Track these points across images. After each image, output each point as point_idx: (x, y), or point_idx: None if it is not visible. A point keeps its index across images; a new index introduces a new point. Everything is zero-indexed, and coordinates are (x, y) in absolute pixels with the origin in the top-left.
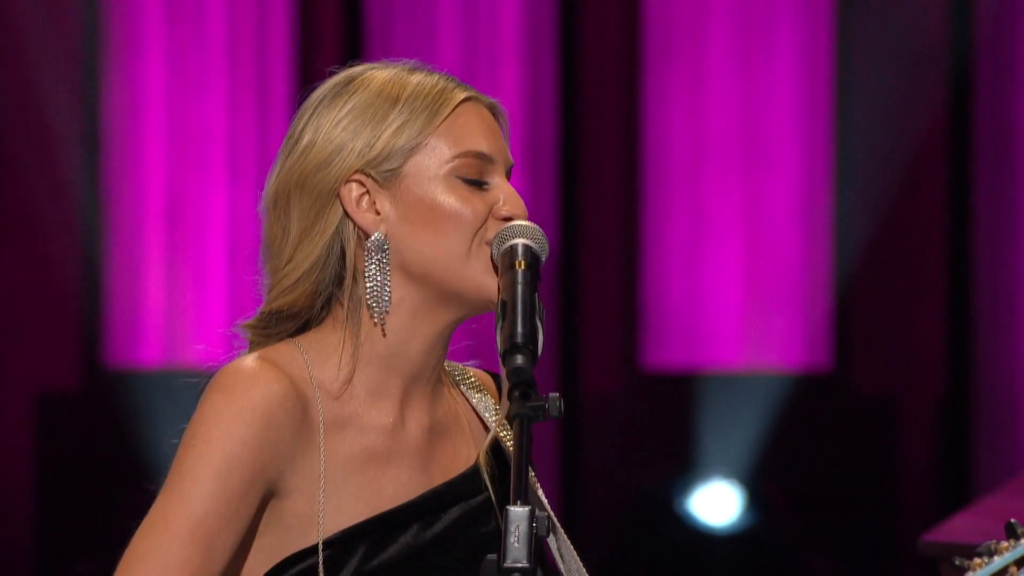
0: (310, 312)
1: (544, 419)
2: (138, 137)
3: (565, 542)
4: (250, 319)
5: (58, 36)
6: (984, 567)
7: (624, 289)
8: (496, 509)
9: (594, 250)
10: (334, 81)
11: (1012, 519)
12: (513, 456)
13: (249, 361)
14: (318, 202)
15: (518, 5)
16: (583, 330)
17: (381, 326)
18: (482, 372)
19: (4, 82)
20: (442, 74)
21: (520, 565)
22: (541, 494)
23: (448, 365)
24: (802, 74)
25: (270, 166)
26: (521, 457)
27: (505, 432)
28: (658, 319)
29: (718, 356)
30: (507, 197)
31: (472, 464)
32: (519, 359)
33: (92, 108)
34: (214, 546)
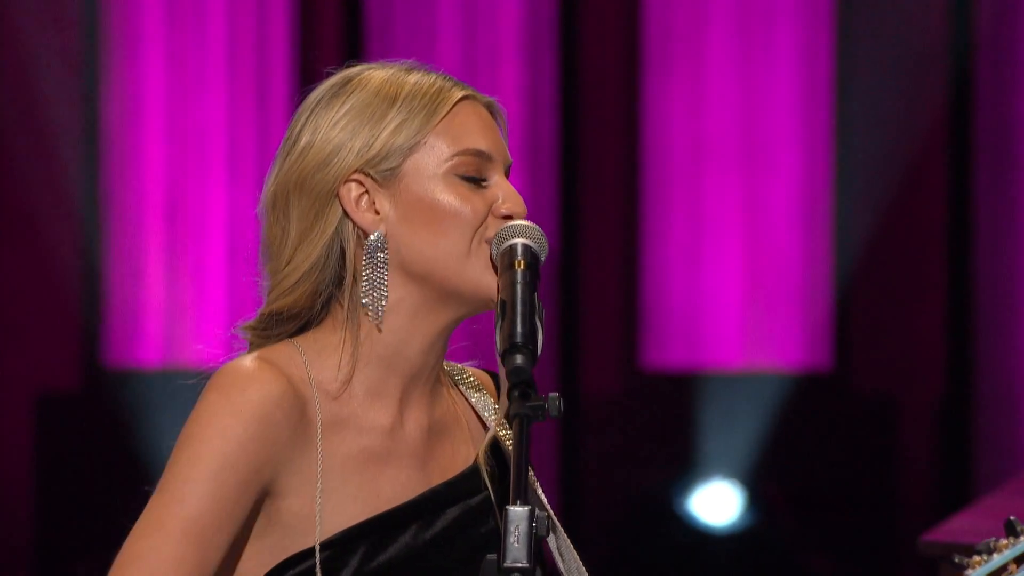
0: (310, 313)
1: (544, 419)
2: (138, 137)
3: (565, 542)
4: (250, 321)
5: (58, 36)
6: (983, 564)
7: (624, 289)
8: (495, 509)
9: (594, 250)
10: (331, 82)
11: (1012, 516)
12: (513, 456)
13: (247, 361)
14: (317, 203)
15: (518, 5)
16: (583, 330)
17: (380, 326)
18: (481, 371)
19: (4, 82)
20: (439, 73)
21: (520, 565)
22: (541, 494)
23: (447, 365)
24: (802, 74)
25: (269, 167)
26: (521, 457)
27: (504, 432)
28: (658, 319)
29: (718, 356)
30: (506, 195)
31: (471, 464)
32: (519, 359)
33: (92, 108)
34: (208, 546)
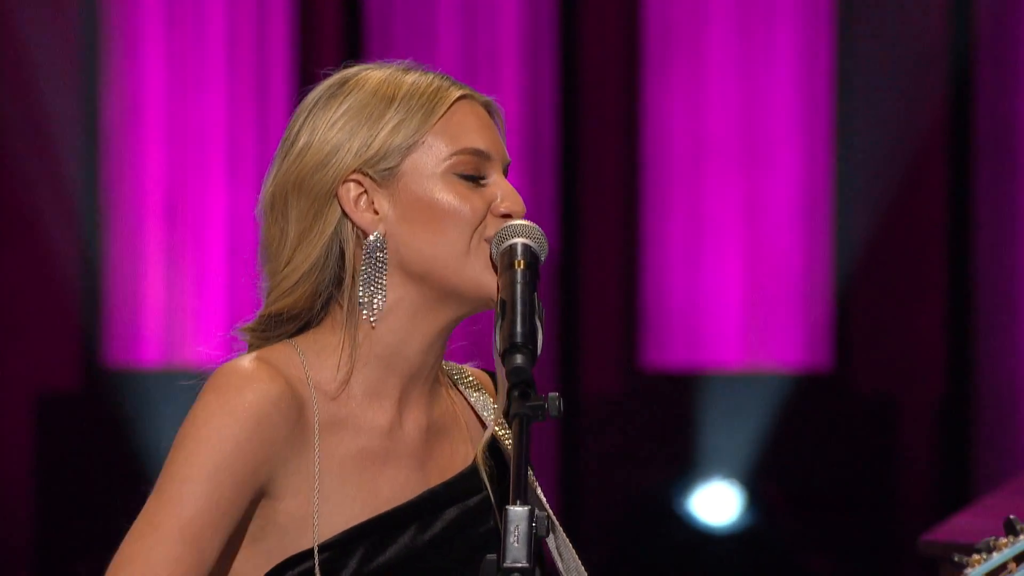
0: (309, 314)
1: (544, 419)
2: (138, 137)
3: (564, 542)
4: (249, 322)
5: (58, 35)
6: (983, 563)
7: (624, 289)
8: (495, 509)
9: (594, 250)
10: (329, 82)
11: (1011, 515)
12: (512, 456)
13: (244, 361)
14: (316, 203)
15: (518, 5)
16: (583, 330)
17: (379, 326)
18: (480, 371)
19: (4, 82)
20: (437, 73)
21: (520, 565)
22: (540, 494)
23: (446, 364)
24: (802, 73)
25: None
26: (520, 457)
27: (503, 431)
28: (658, 319)
29: (718, 356)
30: (505, 194)
31: (470, 464)
32: (518, 359)
33: (92, 108)
34: (204, 547)
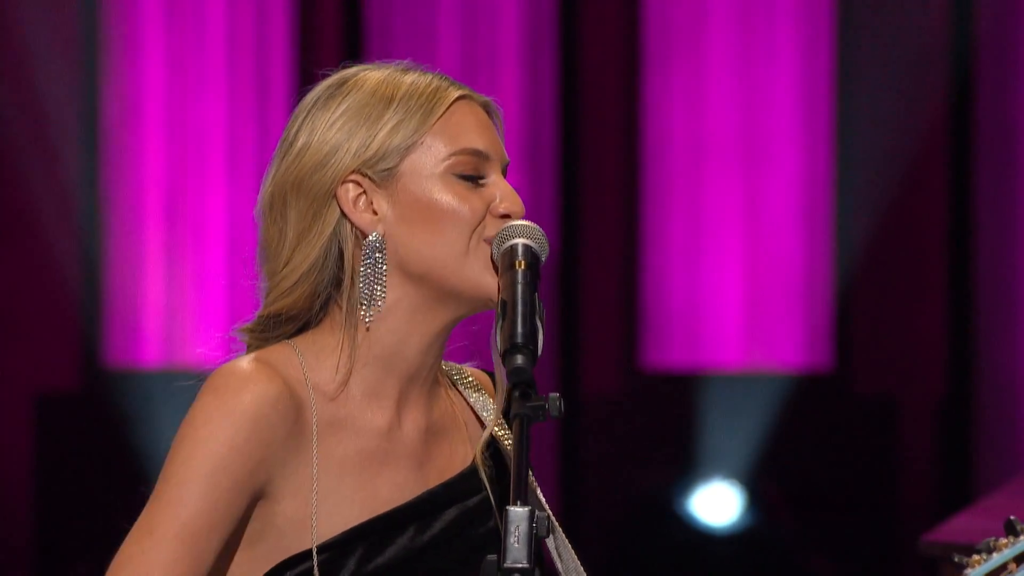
0: (308, 314)
1: (544, 419)
2: (138, 137)
3: (563, 542)
4: (248, 323)
5: (58, 36)
6: (983, 563)
7: (624, 289)
8: (494, 509)
9: (594, 250)
10: (327, 83)
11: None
12: (513, 456)
13: (243, 363)
14: (315, 204)
15: (518, 5)
16: (583, 330)
17: (378, 326)
18: (479, 371)
19: (4, 82)
20: (436, 73)
21: (520, 566)
22: (540, 495)
23: (445, 365)
24: (802, 73)
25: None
26: (521, 457)
27: (503, 432)
28: (658, 319)
29: (718, 356)
30: (504, 194)
31: (469, 464)
32: (519, 359)
33: (92, 108)
34: (201, 549)
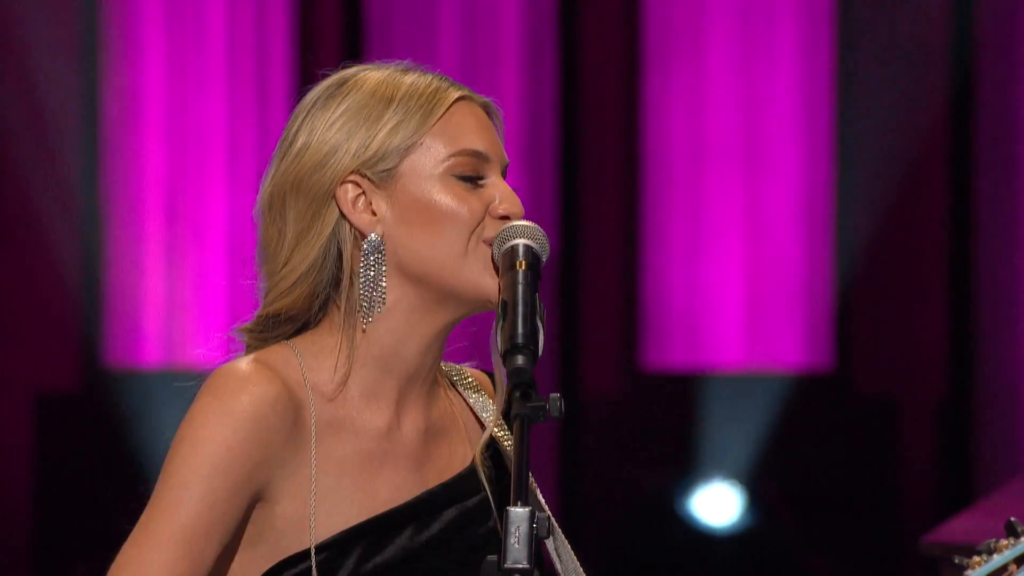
0: (307, 315)
1: (545, 419)
2: (138, 137)
3: (563, 543)
4: (247, 323)
5: (58, 36)
6: (983, 565)
7: (624, 289)
8: (493, 510)
9: (594, 250)
10: (327, 83)
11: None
12: (513, 457)
13: (242, 364)
14: (314, 204)
15: (518, 5)
16: (583, 330)
17: (377, 327)
18: (479, 372)
19: (4, 82)
20: (436, 74)
21: (520, 566)
22: (540, 495)
23: (445, 365)
24: (803, 73)
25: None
26: (522, 458)
27: (502, 432)
28: (658, 319)
29: (719, 356)
30: (503, 195)
31: (468, 465)
32: (520, 359)
33: (92, 108)
34: (200, 551)
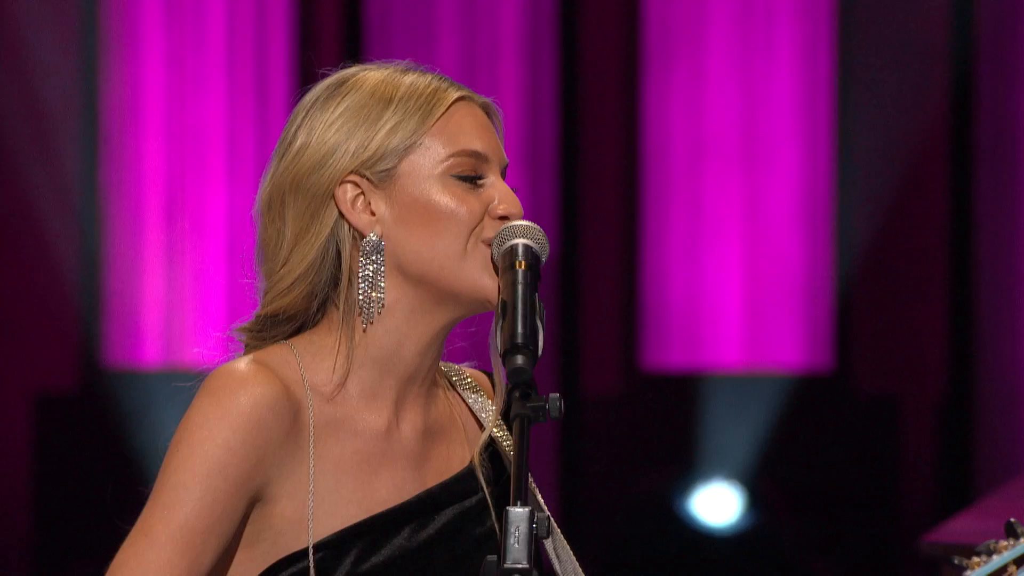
0: (306, 315)
1: (544, 419)
2: (137, 137)
3: (562, 543)
4: (246, 322)
5: (58, 35)
6: (983, 566)
7: (624, 289)
8: (491, 510)
9: (594, 250)
10: (327, 83)
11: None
12: (513, 457)
13: (240, 364)
14: (313, 204)
15: (518, 5)
16: (583, 330)
17: (376, 327)
18: (478, 372)
19: (4, 82)
20: (435, 74)
21: (520, 566)
22: (539, 496)
23: (444, 366)
24: (803, 73)
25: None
26: (521, 458)
27: (501, 432)
28: (658, 319)
29: (719, 356)
30: (503, 196)
31: (466, 465)
32: (519, 359)
33: (92, 108)
34: (199, 551)
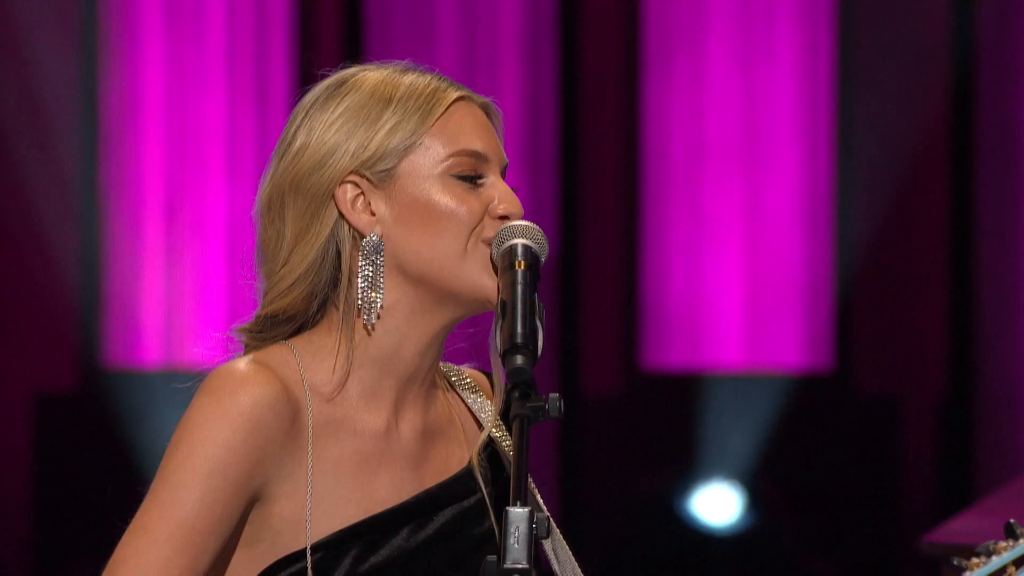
0: (306, 315)
1: (544, 419)
2: (137, 137)
3: (561, 543)
4: (246, 323)
5: (57, 35)
6: (982, 567)
7: (624, 289)
8: (490, 510)
9: (594, 250)
10: (326, 83)
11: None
12: (513, 457)
13: (240, 364)
14: (313, 204)
15: (518, 5)
16: (583, 330)
17: (376, 327)
18: (477, 372)
19: (4, 81)
20: (435, 74)
21: (520, 566)
22: (539, 496)
23: (443, 366)
24: (803, 73)
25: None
26: (521, 458)
27: (501, 433)
28: (658, 319)
29: (719, 357)
30: (502, 196)
31: (465, 465)
32: (519, 359)
33: (91, 107)
34: (198, 550)
